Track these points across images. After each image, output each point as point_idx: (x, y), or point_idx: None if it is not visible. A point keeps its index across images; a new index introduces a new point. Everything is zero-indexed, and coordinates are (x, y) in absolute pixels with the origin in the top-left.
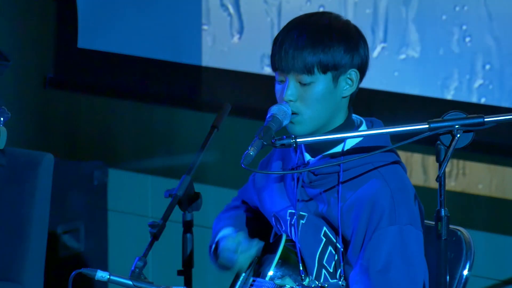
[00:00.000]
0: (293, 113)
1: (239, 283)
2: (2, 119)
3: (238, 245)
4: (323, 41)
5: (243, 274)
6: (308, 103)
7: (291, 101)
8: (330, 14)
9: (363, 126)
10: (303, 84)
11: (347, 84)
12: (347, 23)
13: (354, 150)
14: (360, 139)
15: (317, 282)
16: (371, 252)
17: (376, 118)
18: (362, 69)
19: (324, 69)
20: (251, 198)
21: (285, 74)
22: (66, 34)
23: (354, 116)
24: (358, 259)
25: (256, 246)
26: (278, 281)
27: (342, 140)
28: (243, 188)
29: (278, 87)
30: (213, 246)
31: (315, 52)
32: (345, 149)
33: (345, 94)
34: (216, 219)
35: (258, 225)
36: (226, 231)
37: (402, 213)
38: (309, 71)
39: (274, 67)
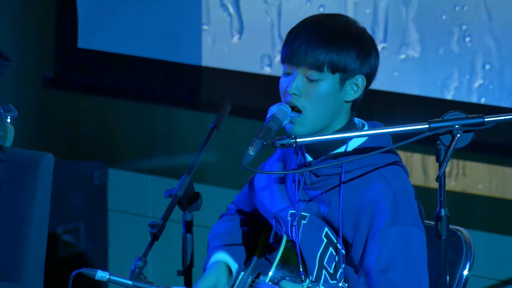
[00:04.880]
0: (294, 110)
1: (237, 283)
2: (9, 117)
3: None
4: (338, 42)
5: (242, 273)
6: (311, 100)
7: (294, 94)
8: (348, 18)
9: (365, 129)
10: (310, 80)
11: (352, 89)
12: (363, 30)
13: (356, 152)
14: (361, 141)
15: (316, 287)
16: (373, 253)
17: (378, 122)
18: (369, 78)
19: (334, 69)
20: (248, 202)
21: (294, 67)
22: (66, 34)
23: (356, 119)
24: (361, 260)
25: None
26: None
27: (343, 141)
28: (240, 194)
29: (283, 79)
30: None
31: (329, 51)
32: (347, 150)
33: (348, 98)
34: (210, 233)
35: (252, 238)
36: (217, 257)
37: (405, 213)
38: (319, 68)
39: (284, 59)
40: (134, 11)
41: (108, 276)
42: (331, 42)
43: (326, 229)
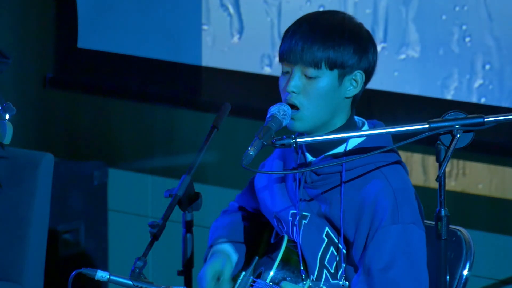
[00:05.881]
0: (293, 108)
1: (238, 282)
2: (8, 114)
3: (220, 274)
4: (334, 38)
5: (243, 273)
6: (310, 97)
7: (293, 92)
8: (344, 14)
9: (365, 128)
10: (308, 78)
11: (351, 85)
12: (359, 26)
13: (356, 151)
14: (362, 139)
15: (317, 286)
16: (374, 251)
17: (378, 120)
18: (368, 74)
19: (331, 66)
20: (250, 201)
21: (291, 65)
22: (66, 34)
23: (356, 118)
24: (361, 258)
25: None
26: None
27: (344, 140)
28: (242, 193)
29: (282, 78)
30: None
31: (325, 48)
32: (347, 149)
33: (348, 94)
34: (212, 226)
35: (254, 234)
36: (219, 246)
37: (405, 212)
38: (317, 65)
39: (281, 58)
40: (134, 11)
41: (108, 276)
42: (327, 38)
43: (327, 228)
